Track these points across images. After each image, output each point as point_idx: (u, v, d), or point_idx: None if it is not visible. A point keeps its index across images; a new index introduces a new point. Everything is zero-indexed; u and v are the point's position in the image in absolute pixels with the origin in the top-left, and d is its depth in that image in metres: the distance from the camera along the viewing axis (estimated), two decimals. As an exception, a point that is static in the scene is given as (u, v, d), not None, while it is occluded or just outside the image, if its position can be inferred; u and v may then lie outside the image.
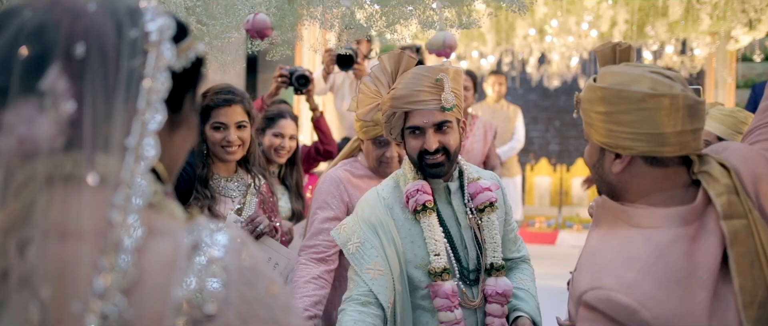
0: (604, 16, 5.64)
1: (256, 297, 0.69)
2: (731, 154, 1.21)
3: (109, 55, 0.67)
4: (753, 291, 1.08)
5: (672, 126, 1.16)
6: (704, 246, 1.11)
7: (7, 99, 0.65)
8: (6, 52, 0.65)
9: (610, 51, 1.30)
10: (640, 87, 1.17)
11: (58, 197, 0.65)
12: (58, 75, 0.65)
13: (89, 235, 0.65)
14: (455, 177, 1.80)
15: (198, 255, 0.67)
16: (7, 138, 0.64)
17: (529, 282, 1.86)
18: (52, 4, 0.68)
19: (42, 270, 0.63)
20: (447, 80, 1.66)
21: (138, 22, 0.71)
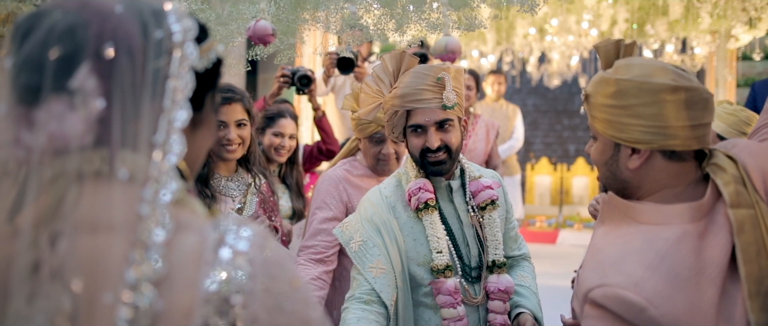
0: (605, 15, 5.64)
1: (280, 290, 0.71)
2: (740, 151, 1.21)
3: (136, 55, 0.70)
4: (759, 279, 1.07)
5: (691, 119, 1.15)
6: (713, 243, 1.10)
7: (39, 97, 0.67)
8: (38, 51, 0.67)
9: (613, 47, 1.28)
10: (663, 79, 1.15)
11: (88, 192, 0.67)
12: (88, 74, 0.67)
13: (120, 229, 0.67)
14: (457, 176, 1.81)
15: (224, 249, 0.69)
16: (38, 134, 0.66)
17: (530, 280, 1.87)
18: (81, 6, 0.70)
19: (73, 263, 0.65)
20: (448, 79, 1.68)
21: (162, 23, 0.73)
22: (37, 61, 0.67)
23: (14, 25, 0.72)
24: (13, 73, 0.68)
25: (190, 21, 0.75)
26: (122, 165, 0.69)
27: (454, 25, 1.64)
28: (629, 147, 1.19)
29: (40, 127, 0.66)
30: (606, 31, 5.93)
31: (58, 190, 0.67)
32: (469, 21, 1.67)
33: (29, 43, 0.68)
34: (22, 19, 0.71)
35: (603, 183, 1.29)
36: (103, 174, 0.68)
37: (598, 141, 1.26)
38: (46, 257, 0.64)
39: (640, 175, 1.20)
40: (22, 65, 0.68)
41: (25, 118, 0.67)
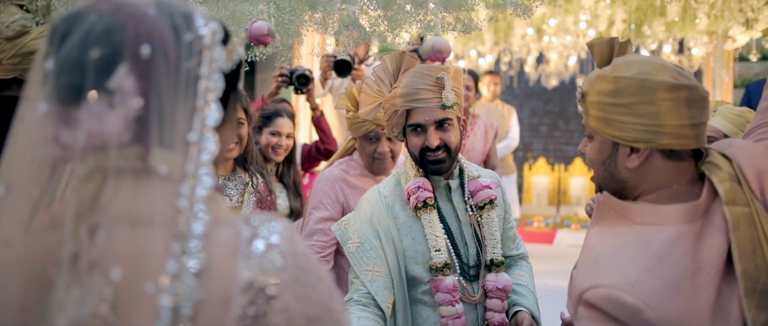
0: (602, 16, 5.65)
1: (308, 280, 0.75)
2: (736, 150, 1.20)
3: (169, 57, 0.73)
4: (755, 276, 1.06)
5: (693, 117, 1.14)
6: (709, 244, 1.09)
7: (80, 97, 0.70)
8: (78, 52, 0.70)
9: (607, 45, 1.25)
10: (663, 77, 1.13)
11: (126, 187, 0.71)
12: (126, 74, 0.70)
13: (160, 223, 0.70)
14: (455, 175, 1.82)
15: (257, 241, 0.74)
16: (78, 132, 0.69)
17: (527, 279, 1.89)
18: (117, 8, 0.73)
19: (114, 254, 0.68)
20: (448, 79, 1.69)
21: (192, 25, 0.76)
22: (78, 61, 0.70)
23: (51, 26, 0.74)
24: (53, 74, 0.71)
25: (216, 24, 0.78)
26: (159, 161, 0.71)
27: (450, 26, 1.65)
28: (628, 146, 1.17)
29: (81, 125, 0.69)
30: (604, 31, 5.94)
31: (95, 185, 0.70)
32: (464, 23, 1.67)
33: (68, 45, 0.71)
34: (58, 21, 0.74)
35: (599, 183, 1.27)
36: (140, 170, 0.71)
37: (594, 140, 1.24)
38: (85, 249, 0.67)
39: (638, 175, 1.18)
40: (62, 66, 0.70)
41: (65, 117, 0.70)
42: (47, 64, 0.71)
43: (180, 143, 0.72)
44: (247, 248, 0.73)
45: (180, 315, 0.67)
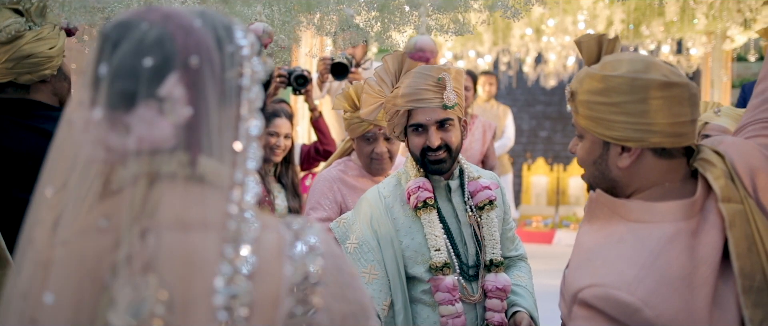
0: (601, 16, 5.66)
1: (344, 279, 0.80)
2: (728, 147, 1.19)
3: (215, 67, 0.75)
4: (751, 274, 1.05)
5: (684, 115, 1.13)
6: (705, 241, 1.08)
7: (134, 103, 0.72)
8: (131, 60, 0.72)
9: (595, 43, 1.24)
10: (654, 75, 1.12)
11: (177, 192, 0.73)
12: (176, 83, 0.73)
13: (212, 227, 0.73)
14: (456, 176, 1.83)
15: (300, 244, 0.77)
16: (129, 137, 0.72)
17: (526, 280, 1.89)
18: (165, 19, 0.76)
19: (168, 257, 0.70)
20: (449, 79, 1.70)
21: (233, 37, 0.79)
22: (132, 69, 0.72)
23: (102, 33, 0.76)
24: (107, 80, 0.72)
25: (253, 36, 0.81)
26: (208, 168, 0.74)
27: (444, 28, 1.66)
28: (619, 145, 1.16)
29: (132, 130, 0.71)
30: (602, 31, 5.95)
31: (145, 189, 0.72)
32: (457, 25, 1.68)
33: (121, 52, 0.73)
34: (109, 28, 0.76)
35: (589, 182, 1.25)
36: (189, 176, 0.74)
37: (585, 139, 1.22)
38: (138, 251, 0.69)
39: (629, 174, 1.17)
40: (116, 72, 0.72)
41: (115, 121, 0.72)
42: (101, 69, 0.73)
43: (226, 151, 0.75)
44: (291, 250, 0.76)
45: (235, 316, 0.70)
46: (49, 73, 1.73)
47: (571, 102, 1.23)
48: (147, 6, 0.79)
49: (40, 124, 1.72)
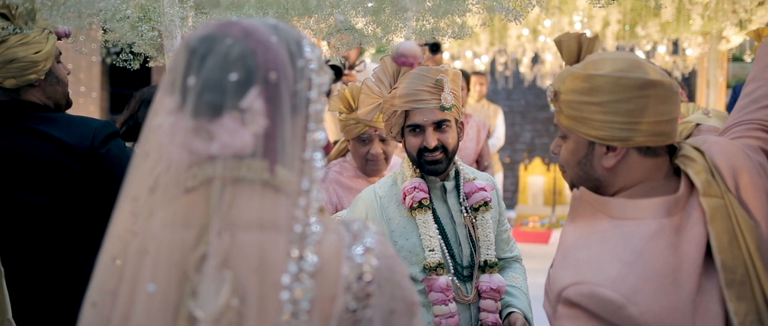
0: (597, 17, 5.69)
1: (395, 278, 0.86)
2: (711, 147, 1.20)
3: (288, 81, 0.83)
4: (733, 268, 1.06)
5: (668, 113, 1.14)
6: (688, 237, 1.08)
7: (219, 113, 0.79)
8: (218, 75, 0.79)
9: (575, 41, 1.23)
10: (639, 73, 1.12)
11: (254, 196, 0.81)
12: (257, 96, 0.80)
13: (282, 230, 0.80)
14: (451, 177, 1.84)
15: (357, 246, 0.84)
16: (212, 144, 0.79)
17: (521, 281, 1.90)
18: (246, 35, 0.82)
19: (242, 255, 0.78)
20: (446, 81, 1.72)
21: (302, 52, 0.85)
22: (218, 82, 0.79)
23: (189, 46, 0.83)
24: (195, 91, 0.79)
25: (318, 49, 0.88)
26: (282, 176, 0.82)
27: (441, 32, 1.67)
28: (604, 145, 1.15)
29: (216, 137, 0.78)
30: (598, 32, 5.97)
31: (225, 192, 0.79)
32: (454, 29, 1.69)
33: (208, 66, 0.80)
34: (196, 42, 0.82)
35: (573, 183, 1.24)
36: (266, 182, 0.81)
37: (569, 140, 1.21)
38: (215, 248, 0.77)
39: (614, 173, 1.17)
40: (204, 85, 0.79)
41: (200, 129, 0.79)
42: (189, 81, 0.80)
43: (296, 160, 0.82)
44: (349, 251, 0.83)
45: (299, 309, 0.78)
46: (36, 77, 1.72)
47: (554, 102, 1.22)
48: (226, 21, 0.85)
49: (36, 126, 1.73)
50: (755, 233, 1.09)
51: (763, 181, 1.17)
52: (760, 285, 1.06)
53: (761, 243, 1.09)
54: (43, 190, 1.71)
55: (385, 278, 0.84)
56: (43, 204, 1.71)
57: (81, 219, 1.77)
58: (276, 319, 0.78)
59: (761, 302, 1.05)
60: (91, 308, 0.83)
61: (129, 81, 1.91)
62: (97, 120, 1.82)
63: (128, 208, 0.83)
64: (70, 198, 1.73)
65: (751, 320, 1.04)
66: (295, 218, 0.81)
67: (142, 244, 0.80)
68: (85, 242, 1.78)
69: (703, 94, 6.20)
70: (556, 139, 1.26)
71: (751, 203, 1.13)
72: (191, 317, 0.77)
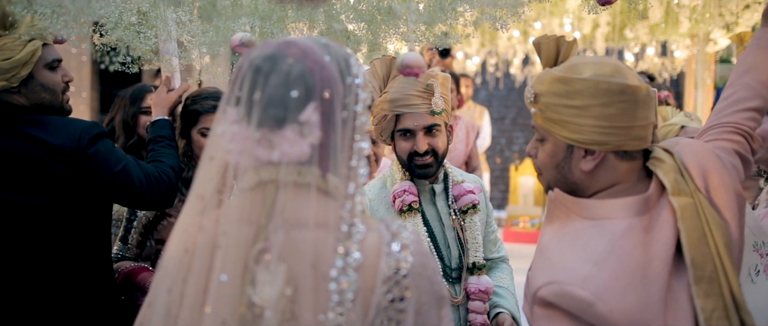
0: (587, 19, 5.73)
1: (427, 273, 0.96)
2: (682, 148, 1.22)
3: (339, 96, 0.93)
4: (702, 264, 1.08)
5: (645, 118, 1.16)
6: (658, 237, 1.10)
7: (282, 125, 0.89)
8: (281, 91, 0.90)
9: (554, 44, 1.23)
10: (620, 79, 1.13)
11: (310, 199, 0.91)
12: (314, 110, 0.90)
13: (331, 229, 0.90)
14: (440, 180, 1.85)
15: (395, 243, 0.94)
16: (274, 152, 0.90)
17: (508, 281, 1.93)
18: (304, 55, 0.92)
19: (296, 250, 0.88)
20: (437, 86, 1.73)
21: (350, 69, 0.96)
22: (282, 99, 0.90)
23: (254, 64, 0.92)
24: (261, 105, 0.89)
25: (362, 67, 0.97)
26: (332, 182, 0.92)
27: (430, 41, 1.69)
28: (583, 148, 1.17)
29: (277, 146, 0.89)
30: (588, 34, 6.02)
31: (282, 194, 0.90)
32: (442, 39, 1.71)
33: (272, 84, 0.90)
34: (260, 60, 0.92)
35: (549, 185, 1.25)
36: (320, 187, 0.92)
37: (547, 142, 1.22)
38: (273, 242, 0.88)
39: (591, 176, 1.18)
40: (269, 101, 0.89)
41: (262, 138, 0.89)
42: (255, 96, 0.90)
43: (344, 168, 0.92)
44: (388, 248, 0.93)
45: (345, 299, 0.88)
46: (5, 84, 1.70)
47: (533, 104, 1.22)
48: (285, 41, 0.95)
49: (22, 128, 1.72)
50: (724, 232, 1.11)
51: (734, 182, 1.19)
52: (728, 282, 1.08)
53: (730, 241, 1.12)
54: (29, 191, 1.70)
55: (418, 272, 0.93)
56: (30, 205, 1.70)
57: (69, 220, 1.76)
58: (324, 307, 0.88)
59: (729, 299, 1.08)
60: (167, 294, 0.92)
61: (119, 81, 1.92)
62: (83, 121, 1.81)
63: (195, 206, 0.94)
64: (58, 200, 1.73)
65: (718, 316, 1.06)
66: (342, 219, 0.91)
67: (212, 238, 0.90)
68: (73, 243, 1.77)
69: (691, 95, 6.26)
70: (533, 141, 1.27)
71: (721, 203, 1.16)
72: (250, 303, 0.87)
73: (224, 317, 0.88)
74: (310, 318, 0.88)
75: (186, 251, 0.93)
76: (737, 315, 1.08)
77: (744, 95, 1.40)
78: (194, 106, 2.07)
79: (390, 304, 0.91)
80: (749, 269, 1.79)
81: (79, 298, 1.77)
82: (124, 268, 2.04)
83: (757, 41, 1.50)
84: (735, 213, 1.17)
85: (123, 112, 2.50)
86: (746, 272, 1.78)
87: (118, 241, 2.11)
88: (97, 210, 1.84)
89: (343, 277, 0.89)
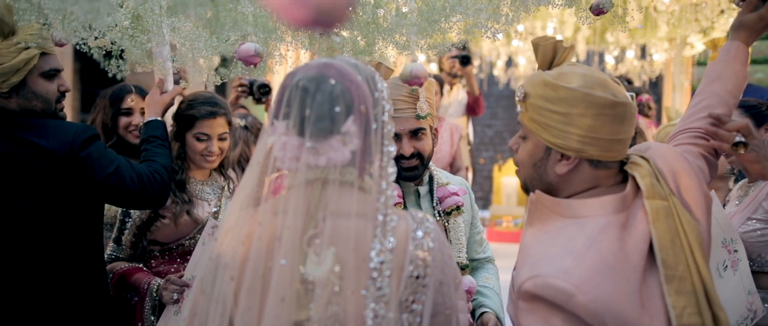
0: (569, 22, 5.83)
1: (445, 257, 1.14)
2: (653, 153, 1.30)
3: (371, 109, 1.11)
4: (674, 265, 1.15)
5: (624, 132, 1.23)
6: (634, 233, 1.18)
7: (327, 136, 1.08)
8: (327, 108, 1.08)
9: (551, 48, 1.29)
10: (604, 93, 1.20)
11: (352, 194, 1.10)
12: (352, 123, 1.09)
13: (369, 218, 1.09)
14: (425, 182, 1.89)
15: (419, 231, 1.12)
16: (320, 157, 1.08)
17: (493, 281, 1.96)
18: (341, 76, 1.11)
19: (341, 235, 1.07)
20: (422, 90, 1.76)
21: (376, 85, 1.15)
22: (328, 113, 1.08)
23: (301, 85, 1.10)
24: (311, 120, 1.07)
25: (383, 82, 1.16)
26: (368, 181, 1.11)
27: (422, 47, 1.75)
28: (559, 152, 1.24)
29: (323, 153, 1.08)
30: (570, 37, 6.13)
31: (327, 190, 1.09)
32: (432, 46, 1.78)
33: (318, 101, 1.08)
34: (306, 82, 1.10)
35: (525, 181, 1.32)
36: (359, 186, 1.11)
37: (528, 141, 1.28)
38: (321, 230, 1.07)
39: (565, 180, 1.25)
40: (317, 116, 1.08)
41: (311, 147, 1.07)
42: (306, 112, 1.08)
43: (376, 168, 1.10)
44: (414, 234, 1.11)
45: (383, 275, 1.06)
46: None
47: (521, 102, 1.29)
48: (323, 64, 1.13)
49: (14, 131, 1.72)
50: (697, 231, 1.19)
51: (700, 183, 1.28)
52: (701, 279, 1.16)
53: (702, 240, 1.20)
54: (23, 194, 1.71)
55: (438, 256, 1.11)
56: (24, 207, 1.72)
57: (62, 222, 1.77)
58: (365, 282, 1.06)
59: (702, 296, 1.15)
60: (230, 281, 1.09)
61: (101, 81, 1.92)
62: (76, 124, 1.82)
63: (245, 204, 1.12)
64: (51, 202, 1.74)
65: (690, 313, 1.13)
66: (378, 210, 1.09)
67: (269, 230, 1.09)
68: (67, 245, 1.79)
69: (670, 97, 6.40)
70: (516, 137, 1.34)
71: (691, 202, 1.25)
72: (304, 280, 1.06)
73: (283, 294, 1.05)
74: (354, 293, 1.05)
75: (242, 243, 1.10)
76: (710, 311, 1.15)
77: (711, 103, 1.49)
78: (191, 110, 2.09)
79: (415, 280, 1.08)
80: (718, 264, 1.88)
81: (73, 300, 1.79)
82: (119, 269, 2.07)
83: (725, 53, 1.58)
84: (704, 212, 1.25)
85: (102, 113, 2.46)
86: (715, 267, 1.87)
87: (112, 242, 2.13)
88: (90, 211, 1.87)
89: (380, 257, 1.06)
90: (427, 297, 1.09)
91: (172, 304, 1.96)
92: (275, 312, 1.05)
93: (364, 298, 1.06)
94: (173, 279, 1.97)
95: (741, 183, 2.22)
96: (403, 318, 1.08)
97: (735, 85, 1.54)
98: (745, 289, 1.86)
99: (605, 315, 1.10)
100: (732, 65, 1.56)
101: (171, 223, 2.08)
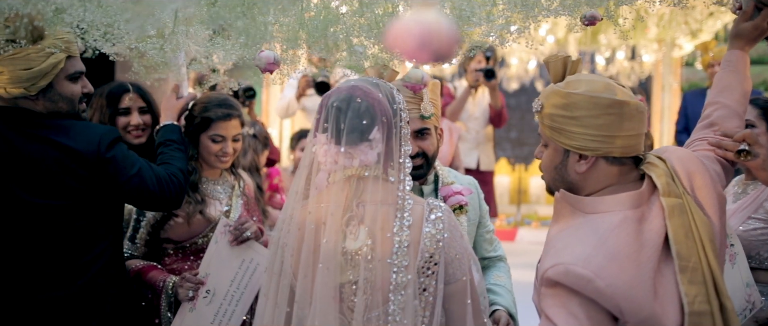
0: (560, 24, 5.93)
1: (456, 236, 1.42)
2: (670, 155, 1.42)
3: (391, 118, 1.42)
4: (687, 256, 1.28)
5: (632, 129, 1.35)
6: (649, 227, 1.30)
7: (357, 143, 1.39)
8: (357, 121, 1.39)
9: (561, 63, 1.44)
10: (610, 94, 1.33)
11: (377, 186, 1.41)
12: (377, 131, 1.40)
13: (391, 204, 1.40)
14: (430, 181, 1.92)
15: (433, 214, 1.41)
16: (353, 160, 1.40)
17: (505, 279, 1.99)
18: (367, 95, 1.41)
19: (371, 217, 1.39)
20: (426, 91, 1.80)
21: (394, 98, 1.45)
22: (357, 126, 1.39)
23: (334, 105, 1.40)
24: (346, 131, 1.38)
25: (400, 94, 1.47)
26: (390, 175, 1.42)
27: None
28: (577, 153, 1.37)
29: (355, 156, 1.40)
30: (562, 38, 6.23)
31: (356, 184, 1.41)
32: None
33: (349, 117, 1.39)
34: (339, 102, 1.40)
35: (550, 184, 1.46)
36: (384, 179, 1.42)
37: (548, 147, 1.43)
38: (356, 214, 1.40)
39: (585, 178, 1.38)
40: (349, 128, 1.39)
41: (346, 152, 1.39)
42: (340, 125, 1.39)
43: (396, 164, 1.42)
44: (428, 215, 1.41)
45: (402, 248, 1.36)
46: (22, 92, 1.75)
47: (538, 114, 1.44)
48: (351, 86, 1.43)
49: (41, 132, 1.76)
50: (708, 228, 1.32)
51: (714, 184, 1.41)
52: (711, 271, 1.28)
53: (713, 236, 1.32)
54: (51, 193, 1.75)
55: (450, 235, 1.40)
56: (52, 207, 1.76)
57: (88, 221, 1.82)
58: (389, 252, 1.36)
59: (711, 286, 1.28)
60: (290, 258, 1.41)
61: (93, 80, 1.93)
62: (100, 125, 1.87)
63: (298, 197, 1.44)
64: (79, 202, 1.79)
65: (700, 301, 1.26)
66: (398, 197, 1.40)
67: (317, 216, 1.40)
68: (92, 244, 1.84)
69: (659, 97, 6.53)
70: (539, 146, 1.48)
71: (704, 202, 1.37)
72: (344, 250, 1.37)
73: (328, 264, 1.36)
74: (381, 261, 1.36)
75: (298, 229, 1.42)
76: (718, 299, 1.28)
77: (722, 114, 1.62)
78: (207, 113, 2.14)
79: (431, 250, 1.38)
80: None
81: (97, 298, 1.84)
82: (134, 266, 2.10)
83: (727, 63, 1.69)
84: (716, 210, 1.38)
85: (99, 112, 2.41)
86: None
87: (127, 240, 2.16)
88: (112, 211, 1.92)
89: (401, 233, 1.37)
90: (440, 265, 1.37)
91: (187, 301, 2.02)
92: (324, 279, 1.35)
93: (390, 265, 1.35)
94: (188, 277, 2.02)
95: (737, 179, 2.26)
96: (420, 281, 1.37)
97: (741, 92, 1.66)
98: (744, 282, 1.95)
99: (621, 299, 1.22)
100: (735, 75, 1.66)
101: (184, 222, 2.13)
